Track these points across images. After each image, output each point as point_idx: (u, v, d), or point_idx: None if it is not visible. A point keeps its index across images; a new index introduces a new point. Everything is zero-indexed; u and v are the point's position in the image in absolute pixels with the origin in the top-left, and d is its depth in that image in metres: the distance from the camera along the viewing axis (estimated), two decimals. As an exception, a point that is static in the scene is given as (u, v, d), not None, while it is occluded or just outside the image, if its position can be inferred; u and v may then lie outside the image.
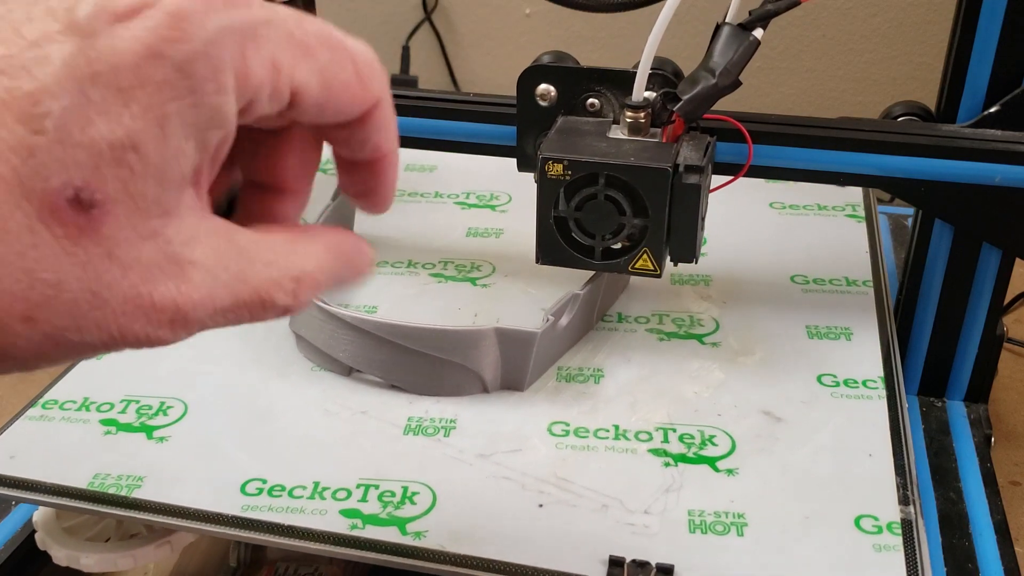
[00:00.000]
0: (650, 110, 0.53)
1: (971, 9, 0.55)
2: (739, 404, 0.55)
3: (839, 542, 0.46)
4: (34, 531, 0.56)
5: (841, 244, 0.70)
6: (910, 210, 0.75)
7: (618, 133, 0.55)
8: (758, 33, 0.52)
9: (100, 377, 0.58)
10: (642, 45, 0.51)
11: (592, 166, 0.51)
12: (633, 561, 0.44)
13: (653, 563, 0.44)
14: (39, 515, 0.55)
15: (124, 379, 0.57)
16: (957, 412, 0.65)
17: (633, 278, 0.66)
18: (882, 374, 0.57)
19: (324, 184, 0.80)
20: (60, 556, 0.53)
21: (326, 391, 0.56)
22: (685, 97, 0.52)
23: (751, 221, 0.74)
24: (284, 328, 0.61)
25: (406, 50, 1.25)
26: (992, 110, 0.56)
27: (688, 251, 0.53)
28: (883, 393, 0.55)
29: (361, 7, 1.26)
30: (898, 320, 0.63)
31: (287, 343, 0.60)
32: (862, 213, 0.75)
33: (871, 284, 0.65)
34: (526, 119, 0.59)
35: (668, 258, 0.54)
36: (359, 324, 0.55)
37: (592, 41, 1.20)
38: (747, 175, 0.58)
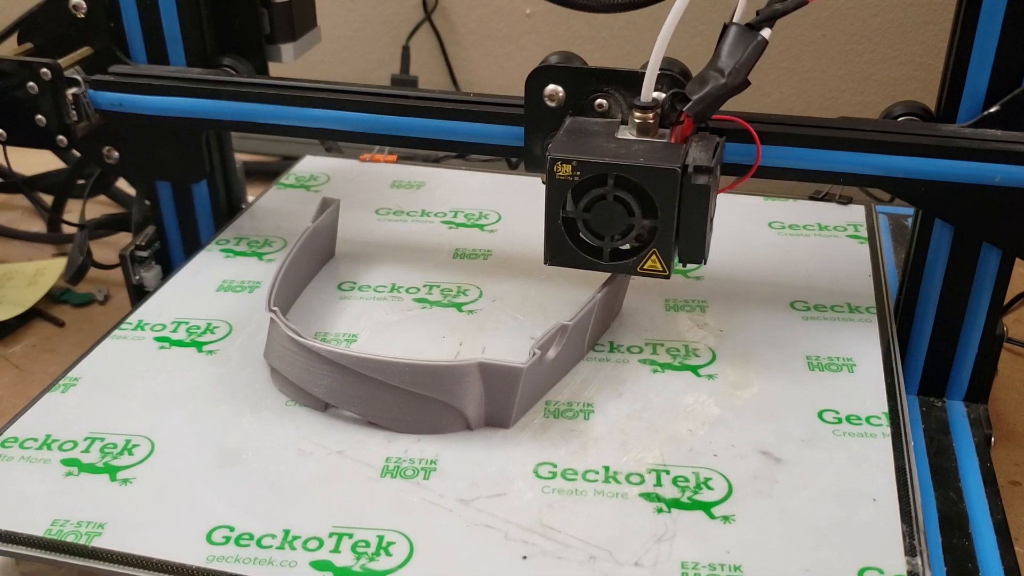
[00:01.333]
0: (659, 111, 0.53)
1: (971, 9, 0.55)
2: (736, 443, 0.52)
3: (842, 598, 0.43)
4: None
5: (843, 267, 0.68)
6: (910, 210, 0.75)
7: (627, 134, 0.54)
8: (766, 33, 0.52)
9: (65, 411, 0.55)
10: (643, 45, 0.50)
11: (601, 167, 0.51)
12: (622, 621, 0.41)
13: (643, 623, 0.41)
14: (-2, 559, 0.53)
15: (90, 414, 0.55)
16: (957, 412, 0.64)
17: (625, 304, 0.63)
18: (886, 410, 0.54)
19: (306, 201, 0.78)
20: (17, 606, 0.51)
21: (300, 428, 0.53)
22: (695, 97, 0.52)
23: (749, 241, 0.71)
24: (259, 358, 0.59)
25: (406, 50, 1.24)
26: (992, 110, 0.56)
27: (697, 252, 0.53)
28: (887, 431, 0.52)
29: (361, 7, 1.26)
30: (898, 320, 0.63)
31: (261, 375, 0.58)
32: (864, 233, 0.72)
33: (874, 311, 0.63)
34: (534, 120, 0.59)
35: (677, 259, 0.53)
36: (335, 359, 0.52)
37: (593, 41, 1.19)
38: (751, 175, 0.58)
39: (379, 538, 0.46)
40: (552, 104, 0.58)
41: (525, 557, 0.45)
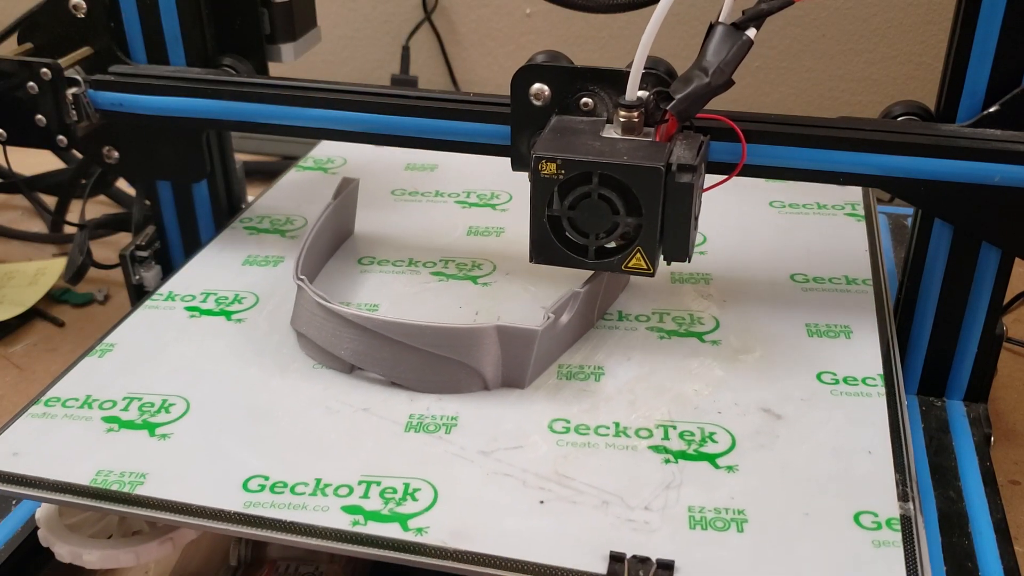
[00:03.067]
0: (643, 109, 0.53)
1: (971, 9, 0.55)
2: (739, 402, 0.55)
3: (839, 538, 0.46)
4: (36, 528, 0.56)
5: (841, 243, 0.71)
6: (910, 210, 0.75)
7: (612, 132, 0.55)
8: (751, 33, 0.52)
9: (102, 375, 0.58)
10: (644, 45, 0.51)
11: (585, 165, 0.52)
12: (634, 557, 0.44)
13: (654, 559, 0.44)
14: (41, 512, 0.56)
15: (126, 377, 0.58)
16: (957, 411, 0.65)
17: (633, 277, 0.66)
18: (881, 372, 0.57)
19: (324, 183, 0.81)
20: (63, 553, 0.54)
21: (327, 388, 0.56)
22: (678, 96, 0.52)
23: (751, 220, 0.74)
24: (285, 326, 0.62)
25: (406, 50, 1.25)
26: (992, 110, 0.56)
27: (681, 250, 0.53)
28: (883, 391, 0.55)
29: (361, 7, 1.27)
30: (898, 319, 0.64)
31: (289, 341, 0.61)
32: (862, 212, 0.75)
33: (871, 283, 0.66)
34: (520, 119, 0.59)
35: (661, 257, 0.54)
36: (361, 322, 0.55)
37: (593, 41, 1.20)
38: (748, 175, 0.59)
39: (405, 485, 0.49)
40: (538, 103, 0.58)
41: (542, 502, 0.48)
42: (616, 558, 0.44)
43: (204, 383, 0.57)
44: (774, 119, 0.59)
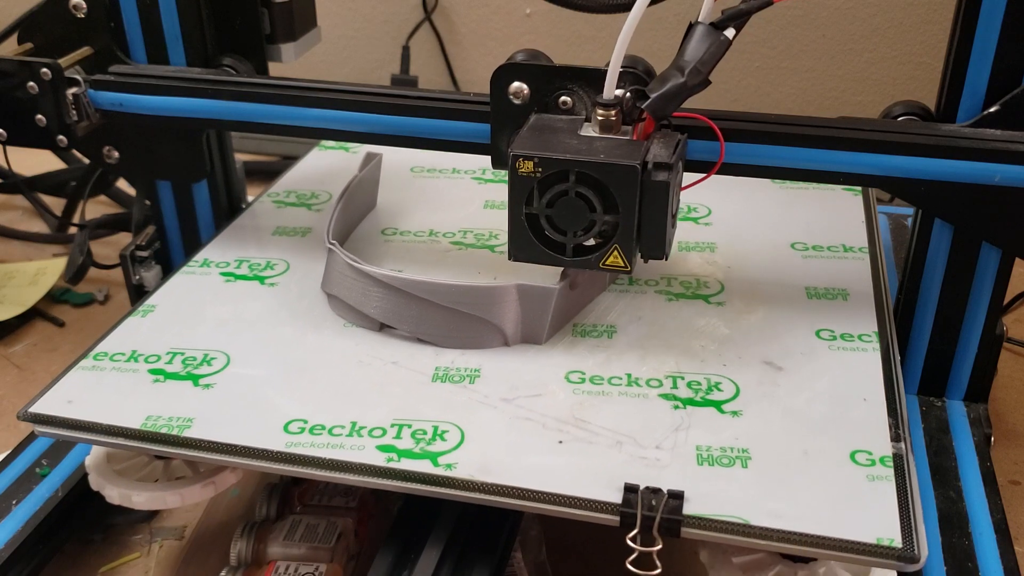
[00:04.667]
0: (621, 108, 0.54)
1: (971, 9, 0.55)
2: (742, 355, 0.59)
3: (836, 473, 0.50)
4: (86, 474, 0.60)
5: (838, 214, 0.74)
6: (910, 210, 0.75)
7: (590, 131, 0.55)
8: (729, 33, 0.52)
9: (146, 332, 0.62)
10: (643, 45, 0.53)
11: (562, 163, 0.52)
12: (647, 488, 0.48)
13: (665, 490, 0.48)
14: (91, 459, 0.59)
15: (168, 335, 0.61)
16: (957, 411, 0.65)
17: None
18: (876, 329, 0.61)
19: (346, 160, 0.85)
20: (113, 495, 0.57)
21: (358, 344, 0.60)
22: (654, 95, 0.52)
23: (754, 194, 0.78)
24: (316, 290, 0.65)
25: (406, 50, 1.25)
26: (992, 110, 0.57)
27: (658, 248, 0.54)
28: (877, 346, 0.59)
29: (361, 7, 1.27)
30: (898, 320, 0.64)
31: (320, 304, 0.64)
32: (858, 187, 0.79)
33: (866, 250, 0.70)
34: (500, 117, 0.59)
35: (639, 255, 0.54)
36: (389, 281, 0.59)
37: (593, 41, 1.21)
38: (751, 175, 0.60)
39: (434, 428, 0.53)
40: (517, 101, 0.58)
41: (561, 442, 0.52)
42: (630, 489, 0.48)
43: (242, 339, 0.61)
44: (773, 119, 0.58)
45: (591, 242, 0.54)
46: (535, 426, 0.53)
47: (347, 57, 1.30)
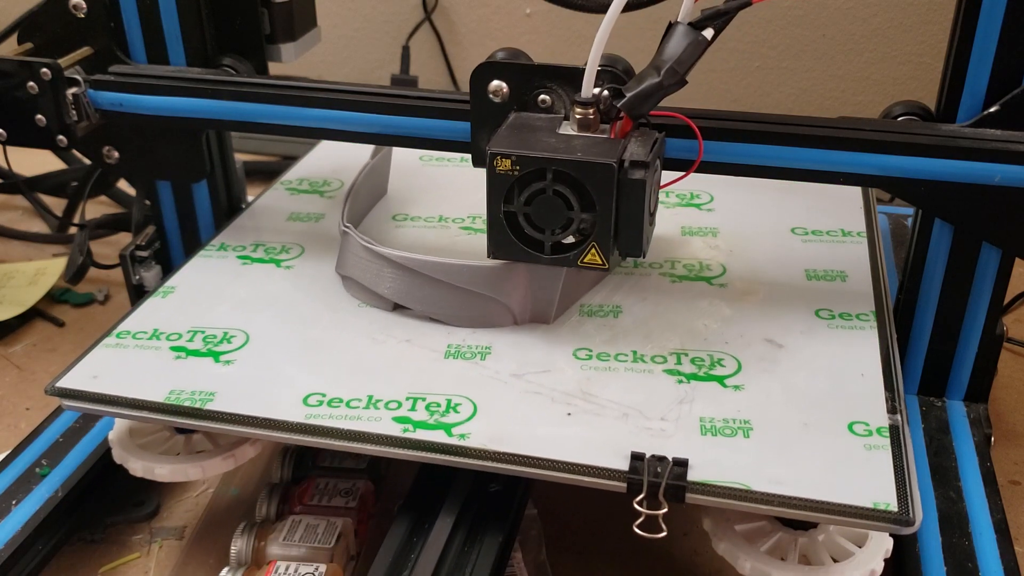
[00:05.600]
0: (598, 106, 0.54)
1: (971, 9, 0.55)
2: (744, 334, 0.61)
3: (834, 443, 0.52)
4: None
5: (838, 201, 0.76)
6: (910, 210, 0.75)
7: (568, 129, 0.56)
8: (708, 33, 0.52)
9: (167, 312, 0.64)
10: (643, 45, 0.53)
11: (540, 161, 0.52)
12: (652, 456, 0.50)
13: (670, 457, 0.50)
14: (115, 433, 0.61)
15: (189, 314, 0.63)
16: (957, 411, 0.66)
17: (647, 230, 0.72)
18: (874, 309, 0.63)
19: (356, 150, 0.87)
20: (136, 467, 0.59)
21: (372, 323, 0.62)
22: (629, 94, 0.53)
23: (755, 182, 0.79)
24: (330, 273, 0.67)
25: (406, 50, 1.25)
26: (992, 110, 0.57)
27: (635, 245, 0.54)
28: (874, 324, 0.61)
29: (361, 7, 1.27)
30: (898, 320, 0.64)
31: (334, 286, 0.66)
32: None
33: (864, 235, 0.72)
34: (480, 116, 0.59)
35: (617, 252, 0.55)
36: (402, 261, 0.61)
37: (592, 41, 1.22)
38: (752, 175, 0.60)
39: (447, 400, 0.55)
40: (497, 100, 0.58)
41: (569, 414, 0.54)
42: (636, 457, 0.50)
43: (260, 319, 0.63)
44: (774, 119, 0.59)
45: (570, 240, 0.55)
46: (544, 400, 0.55)
47: (347, 57, 1.31)
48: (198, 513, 0.68)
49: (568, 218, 0.54)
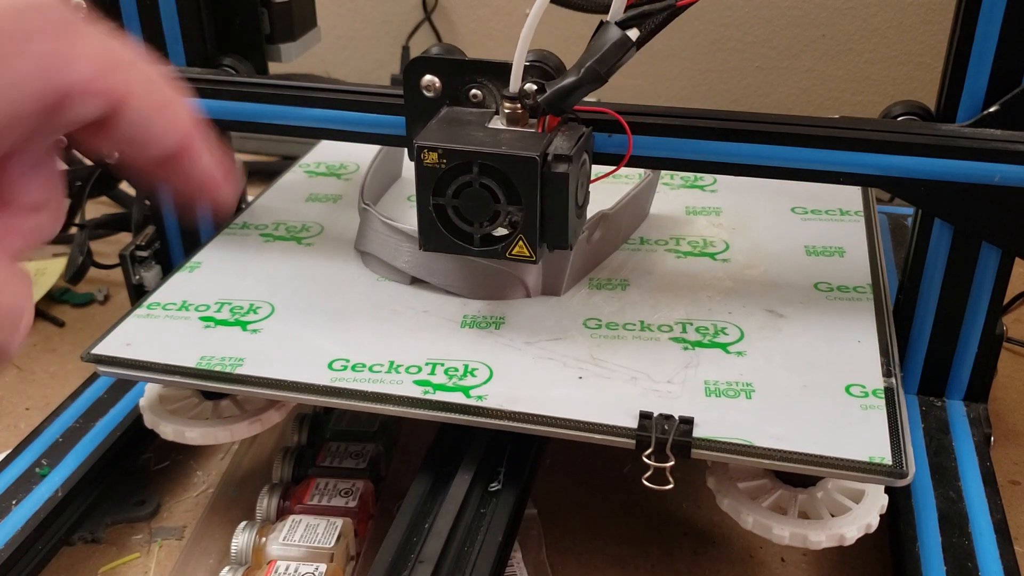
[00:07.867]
0: (526, 101, 0.55)
1: (971, 9, 0.56)
2: (746, 305, 0.64)
3: (832, 404, 0.55)
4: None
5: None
6: (910, 210, 0.76)
7: (497, 124, 0.56)
8: (632, 33, 0.53)
9: (194, 285, 0.67)
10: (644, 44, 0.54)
11: (465, 155, 0.53)
12: (660, 414, 0.53)
13: (676, 416, 0.53)
14: (146, 400, 0.64)
15: (216, 287, 0.66)
16: (957, 411, 0.66)
17: (652, 210, 0.75)
18: (870, 282, 0.66)
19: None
20: (167, 431, 0.62)
21: (391, 295, 0.65)
22: (549, 90, 0.54)
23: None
24: (349, 250, 0.70)
25: (406, 50, 1.26)
26: (992, 110, 0.57)
27: (561, 238, 0.55)
28: (871, 296, 0.64)
29: (361, 7, 1.28)
30: (898, 319, 0.64)
31: (354, 262, 0.69)
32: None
33: (862, 215, 0.75)
34: (413, 110, 0.59)
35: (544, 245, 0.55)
36: (421, 236, 0.64)
37: (588, 40, 1.23)
38: (752, 175, 0.61)
39: (465, 365, 0.58)
40: (429, 94, 0.58)
41: (581, 377, 0.57)
42: (645, 415, 0.53)
43: (284, 291, 0.66)
44: (773, 119, 0.59)
45: (500, 232, 0.55)
46: (557, 364, 0.58)
47: (347, 57, 1.31)
48: (198, 513, 0.68)
49: (495, 211, 0.54)
